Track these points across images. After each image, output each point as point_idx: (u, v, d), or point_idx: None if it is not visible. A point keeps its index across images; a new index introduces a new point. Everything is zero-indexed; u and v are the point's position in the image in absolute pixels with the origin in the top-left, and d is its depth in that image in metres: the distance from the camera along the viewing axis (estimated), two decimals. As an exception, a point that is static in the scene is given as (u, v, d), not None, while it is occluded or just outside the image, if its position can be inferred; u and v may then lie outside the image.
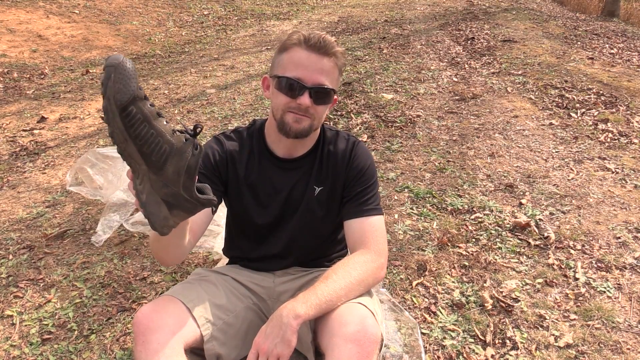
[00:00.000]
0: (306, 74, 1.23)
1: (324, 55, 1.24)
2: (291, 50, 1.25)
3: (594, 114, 3.85)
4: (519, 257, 2.24)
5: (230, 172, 1.39)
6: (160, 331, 1.13)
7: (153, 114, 0.90)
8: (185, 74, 5.73)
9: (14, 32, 6.76)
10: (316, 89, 1.24)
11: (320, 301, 1.14)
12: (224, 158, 1.38)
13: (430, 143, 3.48)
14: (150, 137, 0.90)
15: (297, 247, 1.45)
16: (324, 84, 1.24)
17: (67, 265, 2.32)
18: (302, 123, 1.27)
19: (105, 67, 0.86)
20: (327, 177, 1.39)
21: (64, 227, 2.64)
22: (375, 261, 1.27)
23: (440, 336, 1.82)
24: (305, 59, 1.23)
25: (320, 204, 1.40)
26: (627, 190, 2.76)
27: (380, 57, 5.83)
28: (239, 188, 1.40)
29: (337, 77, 1.30)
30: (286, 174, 1.39)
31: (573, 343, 1.75)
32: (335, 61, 1.27)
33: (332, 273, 1.21)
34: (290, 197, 1.39)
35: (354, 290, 1.20)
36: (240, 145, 1.40)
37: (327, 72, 1.25)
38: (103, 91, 0.86)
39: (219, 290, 1.36)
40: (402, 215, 2.62)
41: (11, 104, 4.81)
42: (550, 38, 6.50)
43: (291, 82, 1.23)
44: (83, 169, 2.77)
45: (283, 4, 10.47)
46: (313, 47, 1.23)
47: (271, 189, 1.39)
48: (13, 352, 1.83)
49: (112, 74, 0.85)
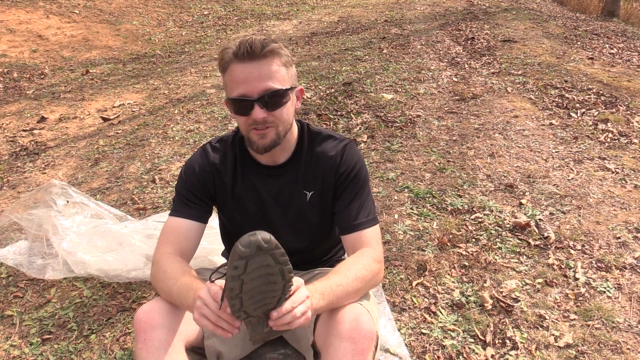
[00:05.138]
0: (248, 87, 1.17)
1: (258, 60, 1.16)
2: (228, 69, 1.19)
3: (594, 114, 3.85)
4: (519, 257, 2.24)
5: (218, 185, 1.37)
6: (161, 329, 1.13)
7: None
8: (185, 74, 5.73)
9: (14, 32, 6.76)
10: (263, 97, 1.17)
11: (332, 295, 1.12)
12: (210, 172, 1.36)
13: (430, 143, 3.48)
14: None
15: (293, 252, 1.42)
16: (269, 88, 1.17)
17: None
18: (268, 136, 1.22)
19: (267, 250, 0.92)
20: (316, 181, 1.35)
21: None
22: (379, 262, 1.27)
23: (440, 336, 1.82)
24: (242, 73, 1.17)
25: (314, 209, 1.37)
26: (627, 190, 2.76)
27: (380, 57, 5.83)
28: (226, 199, 1.38)
29: (286, 72, 1.21)
30: (272, 181, 1.35)
31: (573, 343, 1.75)
32: (274, 59, 1.18)
33: (343, 269, 1.19)
34: (278, 204, 1.36)
35: (362, 289, 1.20)
36: (225, 155, 1.37)
37: (269, 74, 1.17)
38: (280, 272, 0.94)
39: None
40: (402, 215, 2.62)
41: (11, 104, 4.81)
42: (550, 38, 6.50)
43: (239, 101, 1.18)
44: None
45: (283, 4, 10.47)
46: (244, 56, 1.16)
47: (257, 198, 1.36)
48: (13, 352, 1.83)
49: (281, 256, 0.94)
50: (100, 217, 2.48)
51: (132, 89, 5.23)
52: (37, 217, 2.38)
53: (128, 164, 3.44)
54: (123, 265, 2.14)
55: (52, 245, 2.28)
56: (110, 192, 3.05)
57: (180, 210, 1.33)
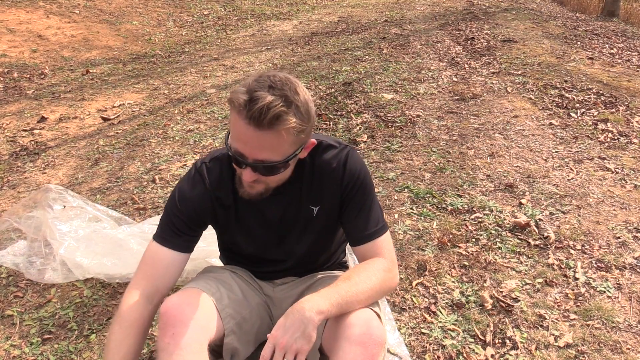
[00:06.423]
0: (246, 149, 1.08)
1: (264, 130, 1.04)
2: (233, 114, 1.07)
3: (594, 114, 3.85)
4: (519, 257, 2.24)
5: (219, 213, 1.30)
6: (190, 325, 1.10)
7: None
8: (185, 74, 5.73)
9: (14, 32, 6.76)
10: (258, 166, 1.10)
11: (342, 300, 1.10)
12: (209, 201, 1.27)
13: (430, 143, 3.48)
14: None
15: (297, 263, 1.41)
16: (266, 160, 1.09)
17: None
18: (255, 189, 1.17)
19: None
20: (321, 195, 1.29)
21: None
22: (391, 270, 1.24)
23: (440, 336, 1.82)
24: (243, 133, 1.06)
25: (321, 222, 1.32)
26: (627, 190, 2.77)
27: (380, 57, 5.83)
28: (228, 224, 1.32)
29: (293, 140, 1.10)
30: (274, 200, 1.26)
31: (573, 343, 1.75)
32: (281, 132, 1.06)
33: (354, 275, 1.16)
34: (284, 221, 1.31)
35: (372, 297, 1.17)
36: (221, 176, 1.27)
37: (270, 147, 1.07)
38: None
39: (234, 285, 1.34)
40: (402, 215, 2.62)
41: (11, 104, 4.82)
42: (550, 38, 6.51)
43: (234, 155, 1.11)
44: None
45: (283, 4, 10.47)
46: (252, 119, 1.03)
47: (261, 218, 1.30)
48: (13, 352, 1.83)
49: None
50: (98, 219, 2.47)
51: (132, 89, 5.23)
52: (36, 220, 2.38)
53: (128, 164, 3.44)
54: (122, 269, 2.14)
55: (50, 245, 2.28)
56: (110, 192, 3.06)
57: (168, 240, 1.25)
